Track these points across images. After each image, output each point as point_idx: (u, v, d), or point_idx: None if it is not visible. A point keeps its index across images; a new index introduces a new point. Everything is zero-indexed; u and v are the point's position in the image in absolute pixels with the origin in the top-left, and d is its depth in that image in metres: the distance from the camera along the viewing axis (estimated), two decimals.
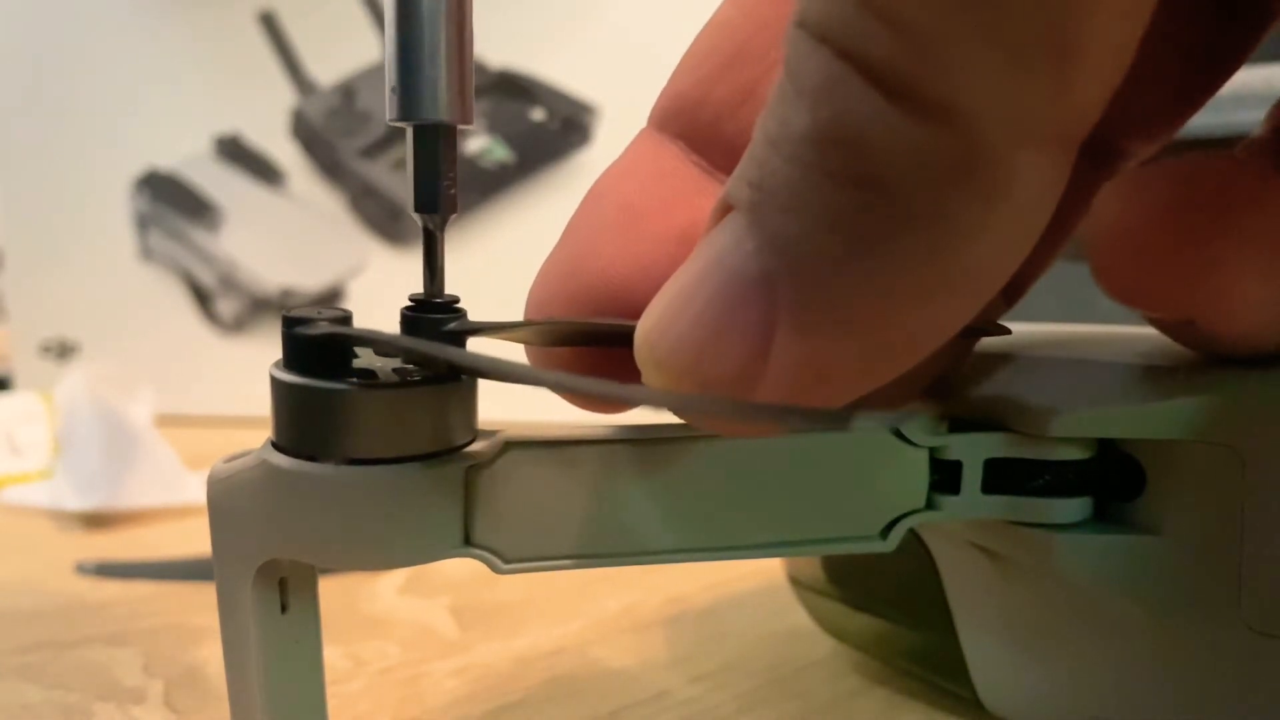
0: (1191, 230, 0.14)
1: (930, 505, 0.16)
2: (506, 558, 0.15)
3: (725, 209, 0.12)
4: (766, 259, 0.11)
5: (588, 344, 0.16)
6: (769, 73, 0.15)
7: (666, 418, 0.17)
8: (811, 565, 0.22)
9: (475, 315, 0.15)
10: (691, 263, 0.12)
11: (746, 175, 0.12)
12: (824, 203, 0.11)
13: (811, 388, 0.12)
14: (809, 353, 0.12)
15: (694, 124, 0.16)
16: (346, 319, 0.14)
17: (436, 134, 0.14)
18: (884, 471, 0.16)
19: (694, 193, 0.16)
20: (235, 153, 0.52)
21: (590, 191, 0.17)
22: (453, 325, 0.15)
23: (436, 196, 0.15)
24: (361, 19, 0.50)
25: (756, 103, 0.16)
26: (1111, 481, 0.16)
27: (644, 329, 0.13)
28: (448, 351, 0.13)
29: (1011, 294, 0.18)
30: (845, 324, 0.11)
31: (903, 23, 0.10)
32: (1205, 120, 0.17)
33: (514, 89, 0.48)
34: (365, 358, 0.14)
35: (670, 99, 0.17)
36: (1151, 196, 0.15)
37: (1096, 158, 0.17)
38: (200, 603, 0.27)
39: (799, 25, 0.11)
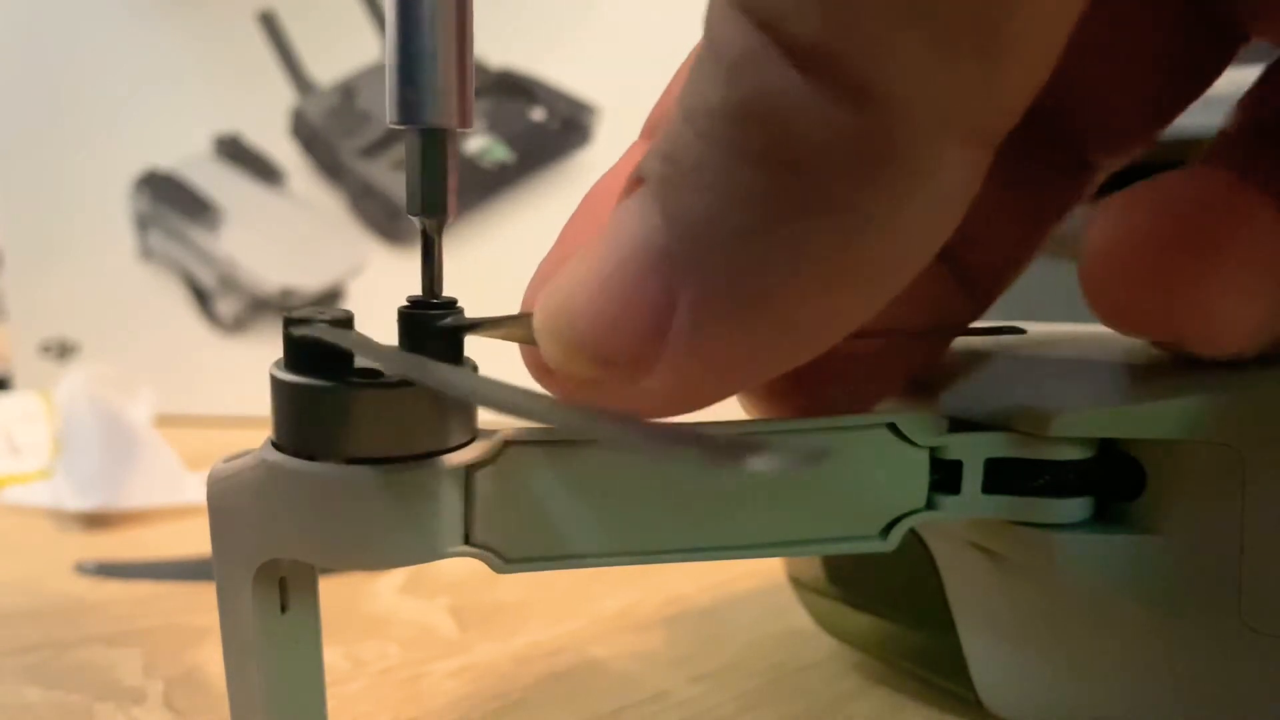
0: (1175, 256, 0.14)
1: (930, 505, 0.16)
2: (506, 557, 0.15)
3: (637, 182, 0.12)
4: (669, 235, 0.11)
5: None
6: None
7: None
8: (812, 565, 0.22)
9: (474, 314, 0.15)
10: (598, 236, 0.12)
11: (659, 148, 0.11)
12: (732, 180, 0.10)
13: (708, 372, 0.12)
14: (705, 335, 0.11)
15: None
16: (348, 320, 0.14)
17: (436, 137, 0.14)
18: (884, 471, 0.16)
19: None
20: (235, 152, 0.52)
21: (586, 196, 0.16)
22: (448, 320, 0.15)
23: (435, 200, 0.15)
24: (361, 19, 0.50)
25: None
26: (1112, 481, 0.16)
27: (544, 301, 0.12)
28: (431, 374, 0.13)
29: (982, 296, 0.18)
30: (743, 307, 0.11)
31: None
32: (1191, 121, 0.18)
33: (514, 89, 0.48)
34: None
35: (662, 110, 0.16)
36: (1137, 221, 0.15)
37: (1069, 169, 0.17)
38: (200, 603, 0.27)
39: None
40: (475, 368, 0.15)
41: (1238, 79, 0.17)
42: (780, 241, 0.10)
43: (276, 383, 0.14)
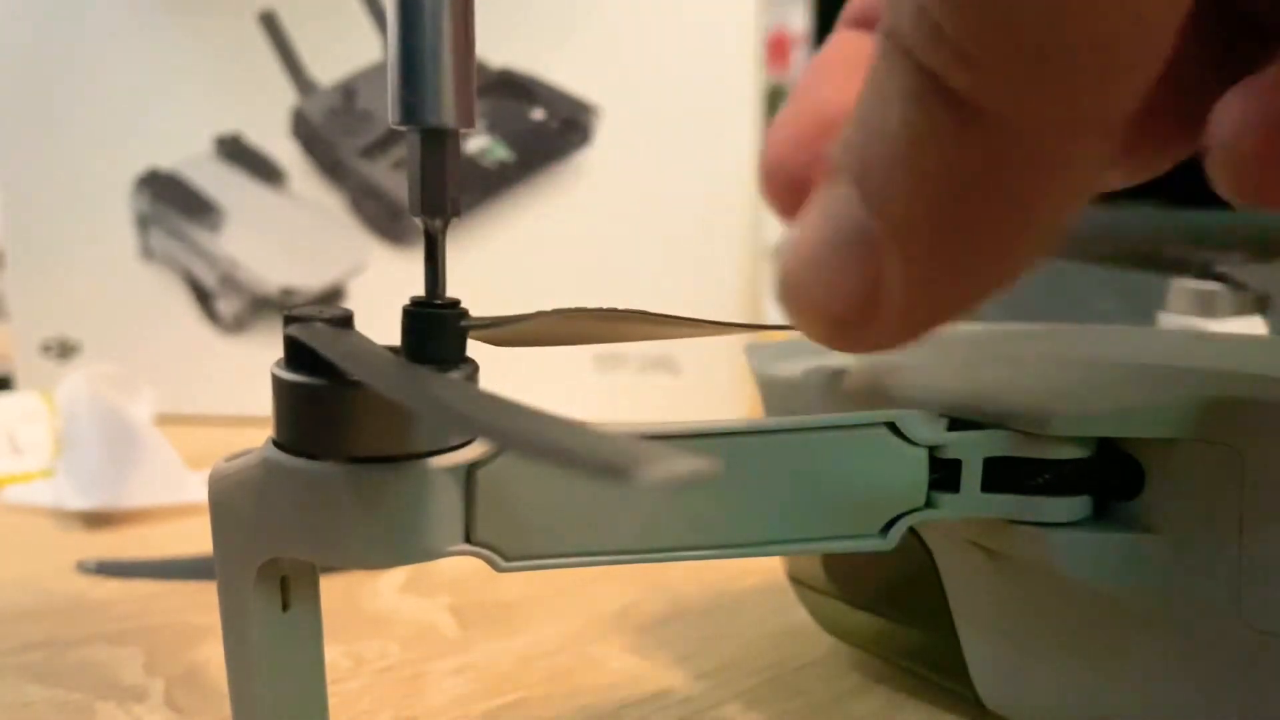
0: None
1: (930, 504, 0.16)
2: (507, 556, 0.15)
3: (833, 168, 0.14)
4: (869, 220, 0.13)
5: (596, 338, 0.17)
6: None
7: (665, 416, 0.17)
8: (812, 564, 0.22)
9: (476, 314, 0.15)
10: (810, 213, 0.14)
11: (851, 146, 0.13)
12: (914, 188, 0.13)
13: (921, 315, 0.14)
14: (912, 293, 0.13)
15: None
16: (348, 319, 0.14)
17: (439, 138, 0.14)
18: (884, 470, 0.16)
19: None
20: (236, 152, 0.52)
21: (813, 63, 0.19)
22: (465, 322, 0.15)
23: (439, 200, 0.15)
24: (362, 19, 0.50)
25: None
26: (1111, 480, 0.16)
27: (779, 272, 0.14)
28: (410, 391, 0.13)
29: None
30: (937, 272, 0.13)
31: (971, 57, 0.11)
32: None
33: (514, 89, 0.48)
34: None
35: (858, 6, 0.19)
36: (1263, 105, 0.16)
37: None
38: (201, 601, 0.27)
39: (888, 35, 0.12)
40: (476, 367, 0.15)
41: None
42: (960, 226, 0.13)
43: (278, 382, 0.14)
